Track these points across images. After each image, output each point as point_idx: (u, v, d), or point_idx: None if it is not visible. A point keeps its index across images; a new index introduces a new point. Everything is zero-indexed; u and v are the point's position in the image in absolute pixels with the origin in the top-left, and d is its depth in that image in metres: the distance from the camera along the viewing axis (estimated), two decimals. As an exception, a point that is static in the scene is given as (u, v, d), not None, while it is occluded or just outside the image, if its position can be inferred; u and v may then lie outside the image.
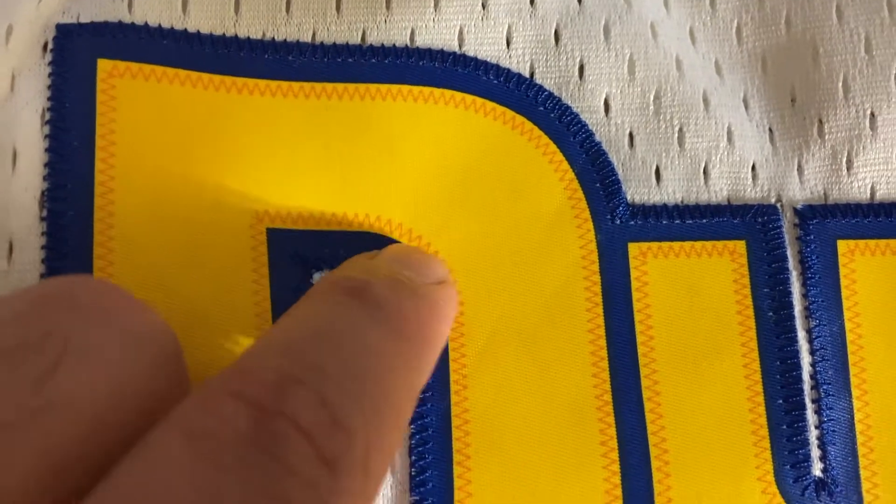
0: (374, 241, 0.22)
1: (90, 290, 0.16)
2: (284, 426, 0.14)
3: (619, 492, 0.22)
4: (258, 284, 0.21)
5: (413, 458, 0.22)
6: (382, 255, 0.21)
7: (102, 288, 0.16)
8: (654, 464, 0.22)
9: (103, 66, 0.21)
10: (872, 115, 0.24)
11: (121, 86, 0.21)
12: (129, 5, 0.22)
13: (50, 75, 0.21)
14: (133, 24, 0.21)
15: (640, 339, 0.23)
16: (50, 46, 0.21)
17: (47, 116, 0.21)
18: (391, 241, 0.22)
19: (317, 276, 0.22)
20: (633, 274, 0.23)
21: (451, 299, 0.20)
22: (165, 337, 0.17)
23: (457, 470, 0.22)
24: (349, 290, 0.18)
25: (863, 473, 0.22)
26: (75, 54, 0.21)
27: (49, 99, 0.21)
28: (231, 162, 0.21)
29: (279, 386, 0.15)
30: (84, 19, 0.21)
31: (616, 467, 0.22)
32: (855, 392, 0.23)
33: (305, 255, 0.22)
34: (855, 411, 0.23)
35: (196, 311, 0.21)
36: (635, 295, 0.23)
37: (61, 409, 0.14)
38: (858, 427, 0.23)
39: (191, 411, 0.14)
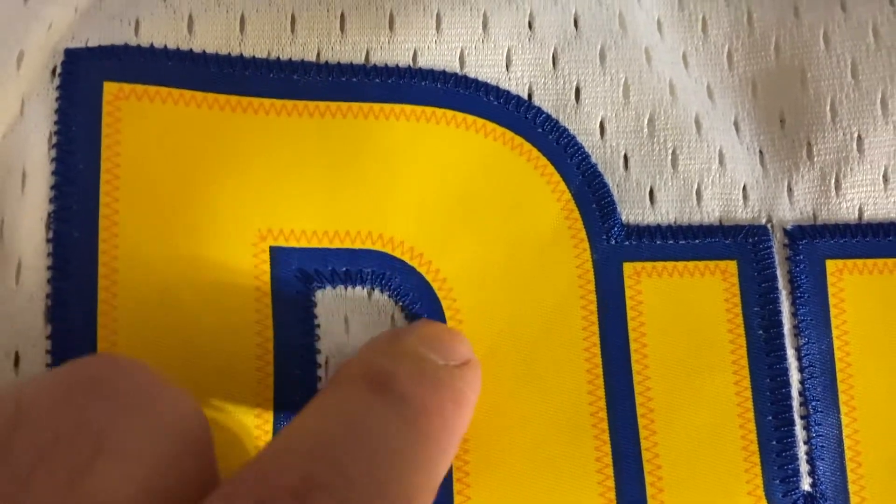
0: (378, 260, 0.22)
1: (123, 375, 0.16)
2: None
3: (612, 495, 0.22)
4: (260, 303, 0.22)
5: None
6: (409, 335, 0.21)
7: (135, 372, 0.17)
8: (648, 479, 0.22)
9: (109, 88, 0.22)
10: (860, 137, 0.24)
11: (126, 108, 0.21)
12: (136, 28, 0.22)
13: (57, 99, 0.21)
14: (139, 46, 0.22)
15: (634, 356, 0.23)
16: (58, 71, 0.21)
17: (54, 140, 0.21)
18: (394, 259, 0.23)
19: (319, 294, 0.22)
20: (628, 293, 0.23)
21: (475, 381, 0.21)
22: (196, 421, 0.17)
23: (456, 486, 0.22)
24: (374, 383, 0.18)
25: (851, 488, 0.23)
26: (82, 78, 0.21)
27: (56, 122, 0.21)
28: (235, 180, 0.22)
29: (302, 493, 0.15)
30: (92, 43, 0.22)
31: (611, 483, 0.22)
32: (843, 408, 0.23)
33: (308, 273, 0.22)
34: (843, 427, 0.23)
35: (199, 329, 0.21)
36: (630, 313, 0.23)
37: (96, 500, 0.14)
38: (847, 442, 0.23)
39: None
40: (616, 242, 0.24)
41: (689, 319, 0.24)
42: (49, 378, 0.16)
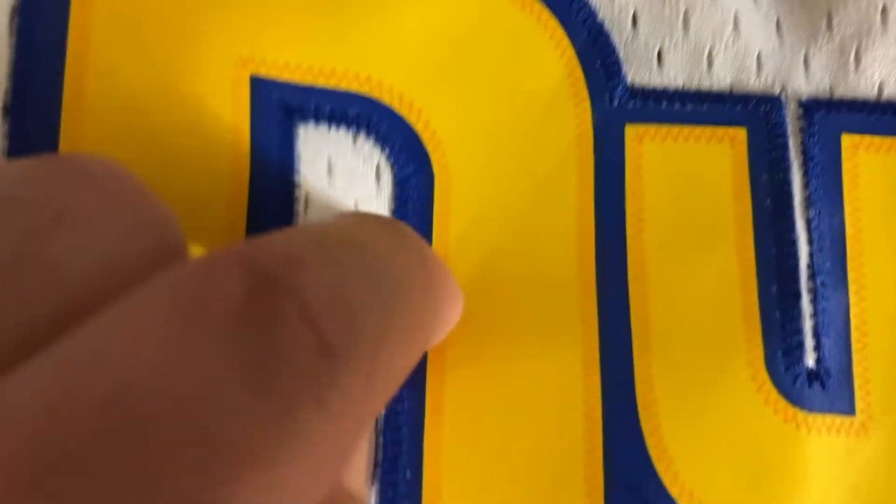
0: (364, 103, 0.21)
1: (100, 166, 0.15)
2: (289, 303, 0.13)
3: (596, 366, 0.21)
4: (237, 132, 0.20)
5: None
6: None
7: (114, 167, 0.16)
8: (635, 343, 0.21)
9: None
10: (884, 9, 0.23)
11: None
12: None
13: None
14: None
15: (629, 221, 0.22)
16: None
17: None
18: (382, 105, 0.21)
19: (302, 129, 0.21)
20: (629, 157, 0.22)
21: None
22: (170, 225, 0.16)
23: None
24: (381, 220, 0.18)
25: (855, 369, 0.21)
26: None
27: None
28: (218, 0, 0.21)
29: (294, 261, 0.13)
30: None
31: (595, 344, 0.21)
32: (852, 287, 0.22)
33: (291, 106, 0.21)
34: (851, 305, 0.22)
35: (168, 152, 0.20)
36: (629, 178, 0.22)
37: (44, 273, 0.13)
38: (854, 322, 0.22)
39: (186, 275, 0.13)
40: (619, 104, 0.22)
41: (691, 186, 0.22)
42: (26, 159, 0.15)
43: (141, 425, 0.11)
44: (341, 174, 0.22)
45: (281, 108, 0.21)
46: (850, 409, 0.21)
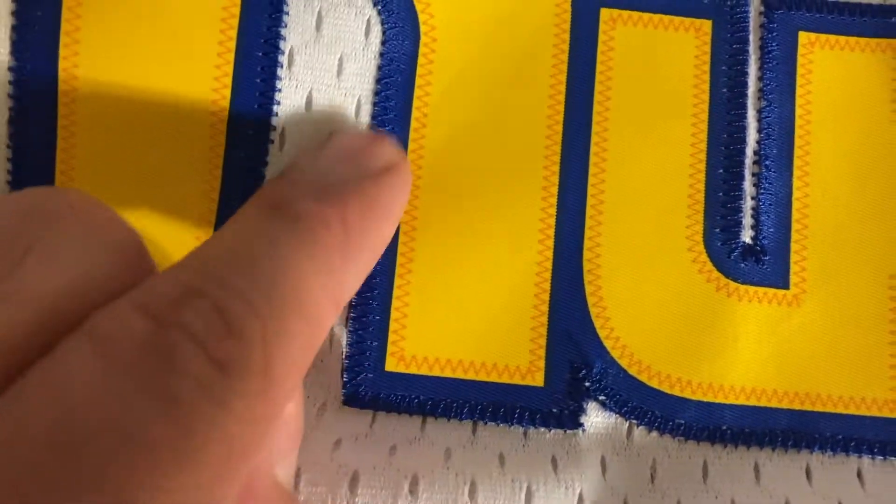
0: None
1: (63, 202, 0.17)
2: (178, 335, 0.15)
3: (551, 232, 0.23)
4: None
5: (367, 182, 0.23)
6: (320, 152, 0.20)
7: (75, 198, 0.17)
8: (589, 212, 0.23)
9: None
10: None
11: None
12: None
13: None
14: None
15: (597, 98, 0.24)
16: None
17: None
18: None
19: None
20: (601, 38, 0.24)
21: (397, 187, 0.20)
22: (131, 240, 0.17)
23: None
24: (272, 204, 0.18)
25: (793, 247, 0.23)
26: None
27: None
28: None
29: (179, 299, 0.16)
30: None
31: (553, 210, 0.23)
32: (796, 172, 0.24)
33: None
34: (794, 189, 0.24)
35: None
36: (600, 58, 0.24)
37: (15, 298, 0.15)
38: (795, 204, 0.24)
39: (99, 319, 0.15)
40: None
41: (656, 70, 0.24)
42: None
43: (79, 443, 0.13)
44: (330, 27, 0.23)
45: None
46: (783, 284, 0.24)
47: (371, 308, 0.23)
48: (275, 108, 0.23)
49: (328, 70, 0.23)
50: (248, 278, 0.16)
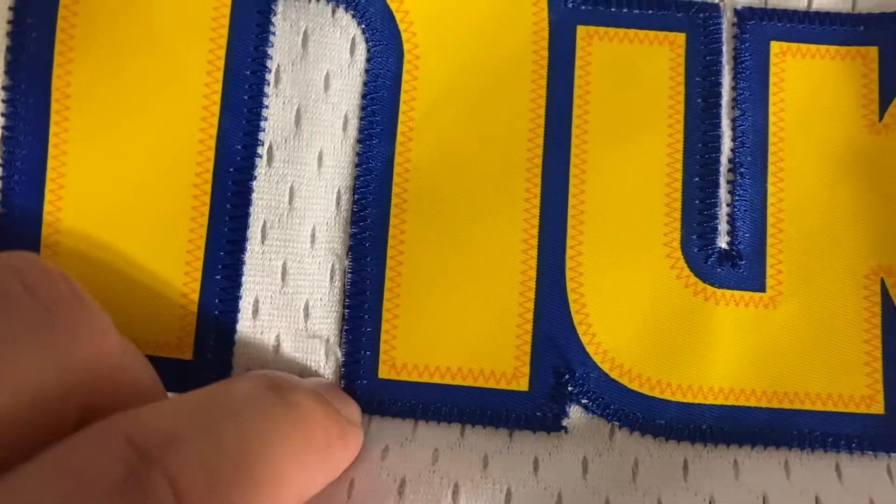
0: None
1: (23, 287, 0.17)
2: (161, 481, 0.15)
3: (535, 242, 0.24)
4: (219, 2, 0.24)
5: (356, 196, 0.24)
6: (312, 381, 0.23)
7: (36, 280, 0.17)
8: (570, 222, 0.24)
9: None
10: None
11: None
12: None
13: None
14: None
15: (576, 112, 0.25)
16: None
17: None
18: None
19: (281, 4, 0.24)
20: (579, 54, 0.25)
21: (355, 439, 0.22)
22: (90, 327, 0.18)
23: (393, 210, 0.24)
24: (273, 384, 0.19)
25: (769, 251, 0.24)
26: None
27: None
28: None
29: (170, 439, 0.15)
30: None
31: (536, 221, 0.24)
32: (771, 179, 0.25)
33: None
34: (769, 196, 0.25)
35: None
36: (577, 73, 0.25)
37: None
38: (770, 210, 0.24)
39: (74, 447, 0.15)
40: (573, 6, 0.25)
41: (633, 84, 0.25)
42: None
43: None
44: (316, 45, 0.25)
45: None
46: (760, 287, 0.24)
47: (363, 320, 0.24)
48: (262, 123, 0.24)
49: (315, 86, 0.24)
50: (241, 442, 0.17)
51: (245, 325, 0.23)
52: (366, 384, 0.24)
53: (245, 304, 0.23)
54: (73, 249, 0.23)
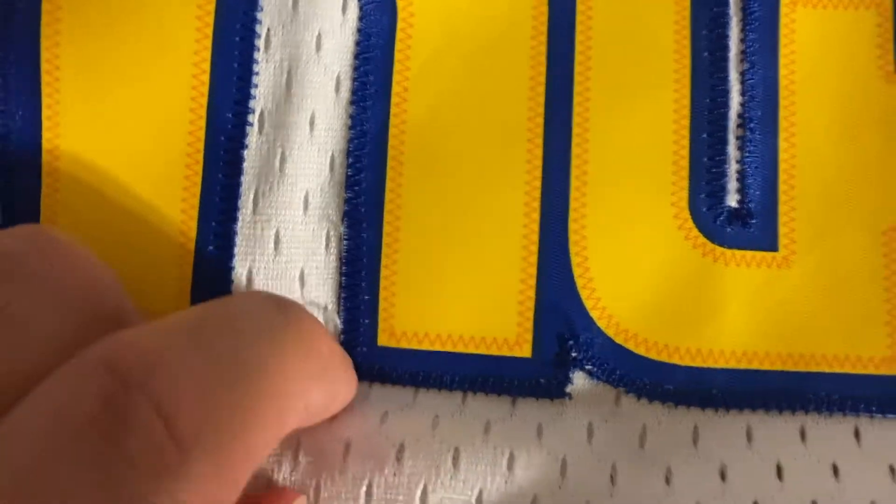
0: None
1: (38, 254, 0.17)
2: (143, 403, 0.14)
3: (536, 205, 0.23)
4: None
5: (350, 159, 0.24)
6: None
7: (50, 249, 0.18)
8: (573, 183, 0.23)
9: None
10: None
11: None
12: None
13: None
14: None
15: (577, 68, 0.24)
16: None
17: None
18: None
19: None
20: (579, 9, 0.24)
21: (353, 373, 0.22)
22: (110, 290, 0.18)
23: (389, 174, 0.24)
24: (275, 299, 0.19)
25: (781, 209, 0.23)
26: None
27: None
28: None
29: (153, 359, 0.15)
30: None
31: (538, 183, 0.23)
32: (782, 134, 0.24)
33: None
34: (780, 151, 0.23)
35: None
36: (579, 27, 0.24)
37: None
38: (782, 166, 0.23)
39: (56, 379, 0.15)
40: None
41: (636, 37, 0.24)
42: None
43: None
44: (306, 5, 0.24)
45: None
46: (772, 246, 0.23)
47: (360, 288, 0.23)
48: (253, 91, 0.23)
49: (306, 47, 0.23)
50: (232, 361, 0.16)
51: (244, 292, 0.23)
52: (365, 351, 0.23)
53: (238, 275, 0.23)
54: (68, 223, 0.23)
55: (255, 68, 0.23)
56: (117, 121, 0.23)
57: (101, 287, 0.18)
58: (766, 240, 0.23)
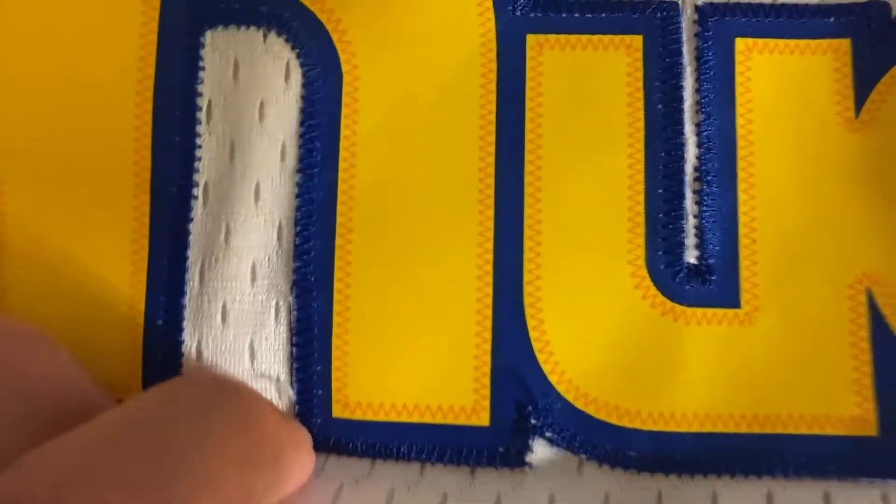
0: (277, 2, 0.23)
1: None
2: None
3: (490, 268, 0.23)
4: (144, 39, 0.23)
5: (298, 228, 0.23)
6: None
7: (12, 340, 0.18)
8: (527, 244, 0.23)
9: None
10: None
11: None
12: None
13: None
14: None
15: (528, 127, 0.23)
16: None
17: None
18: (294, 2, 0.23)
19: (209, 35, 0.24)
20: (529, 65, 0.23)
21: (308, 454, 0.21)
22: (69, 381, 0.18)
23: (338, 241, 0.23)
24: (217, 382, 0.20)
25: (742, 263, 0.23)
26: None
27: None
28: None
29: (62, 485, 0.15)
30: None
31: (490, 245, 0.23)
32: (741, 185, 0.23)
33: (199, 11, 0.24)
34: (740, 204, 0.23)
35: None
36: (529, 85, 0.23)
37: None
38: (742, 219, 0.23)
39: None
40: (521, 13, 0.24)
41: (588, 95, 0.23)
42: None
43: None
44: (247, 75, 0.23)
45: (188, 14, 0.23)
46: (734, 303, 0.23)
47: (313, 358, 0.23)
48: (196, 164, 0.23)
49: (248, 117, 0.23)
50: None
51: (190, 370, 0.22)
52: (320, 423, 0.23)
53: (188, 348, 0.23)
54: (15, 298, 0.23)
55: (198, 141, 0.23)
56: (63, 195, 0.23)
57: (65, 377, 0.18)
58: (728, 296, 0.23)
